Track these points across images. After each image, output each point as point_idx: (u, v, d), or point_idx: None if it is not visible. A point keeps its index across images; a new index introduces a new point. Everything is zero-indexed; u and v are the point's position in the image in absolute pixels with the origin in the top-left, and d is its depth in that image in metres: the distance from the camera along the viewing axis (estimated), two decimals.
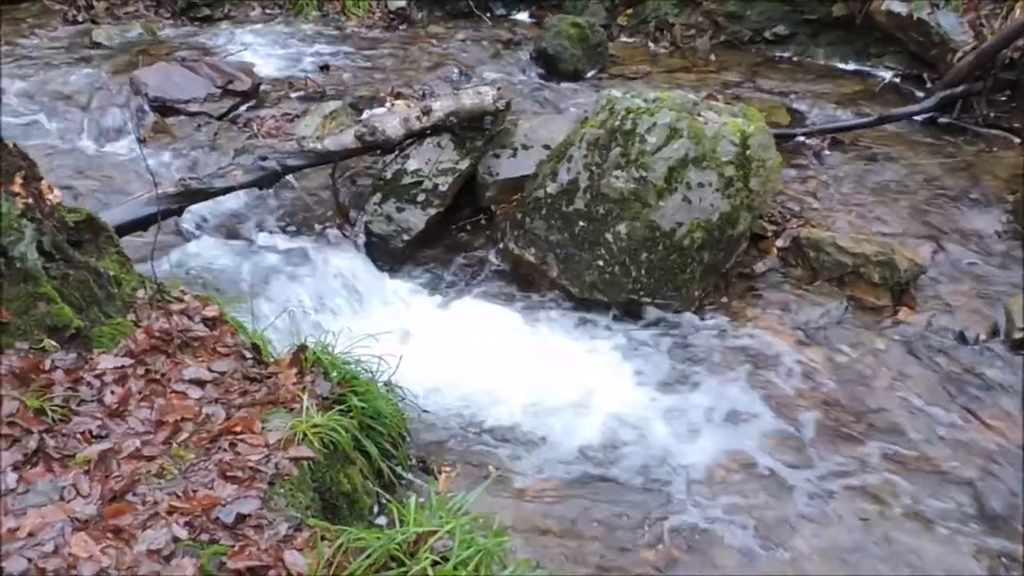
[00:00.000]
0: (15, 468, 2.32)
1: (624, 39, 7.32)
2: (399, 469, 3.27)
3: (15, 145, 2.94)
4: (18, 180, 2.82)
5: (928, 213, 4.81)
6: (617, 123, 4.24)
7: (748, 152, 4.15)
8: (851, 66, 6.77)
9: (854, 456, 3.50)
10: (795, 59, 6.96)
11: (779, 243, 4.53)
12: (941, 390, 3.81)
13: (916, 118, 5.79)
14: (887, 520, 3.21)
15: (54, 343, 2.79)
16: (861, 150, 5.48)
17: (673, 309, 4.17)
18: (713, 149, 4.12)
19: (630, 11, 7.38)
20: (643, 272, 4.13)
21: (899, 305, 4.22)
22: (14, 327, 2.74)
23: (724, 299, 4.31)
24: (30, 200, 2.84)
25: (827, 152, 5.45)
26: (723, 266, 4.28)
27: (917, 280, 4.27)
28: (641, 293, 4.14)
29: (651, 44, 7.22)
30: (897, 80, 6.44)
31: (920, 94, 6.13)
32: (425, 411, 3.63)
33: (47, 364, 2.71)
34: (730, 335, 4.12)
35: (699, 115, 4.26)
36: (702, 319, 4.19)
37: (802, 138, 5.55)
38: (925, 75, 6.32)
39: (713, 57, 6.96)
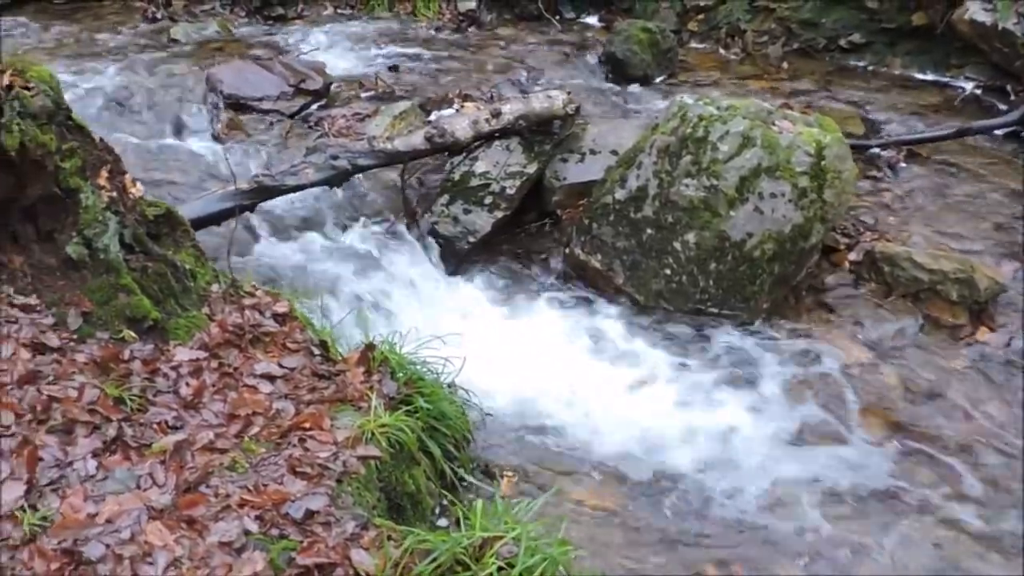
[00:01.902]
0: (95, 455, 2.39)
1: (694, 45, 7.23)
2: (461, 471, 3.27)
3: (101, 140, 3.04)
4: (104, 174, 2.91)
5: (1009, 230, 4.64)
6: (689, 130, 4.18)
7: (823, 163, 4.06)
8: (929, 76, 6.58)
9: (925, 479, 3.40)
10: (871, 68, 6.79)
11: (852, 257, 4.42)
12: (1019, 413, 3.68)
13: (998, 132, 5.60)
14: (959, 546, 3.11)
15: (133, 334, 2.86)
16: (939, 163, 5.32)
17: (740, 321, 4.10)
18: (787, 159, 4.04)
19: (701, 17, 7.29)
20: (711, 282, 4.07)
21: (977, 324, 4.08)
22: (96, 317, 2.82)
23: (793, 312, 4.22)
24: (114, 194, 2.92)
25: (903, 164, 5.31)
26: (793, 278, 4.19)
27: (997, 299, 4.13)
28: (708, 304, 4.09)
29: (722, 50, 7.12)
30: (978, 92, 6.23)
31: (1003, 107, 5.94)
32: (488, 414, 3.63)
33: (126, 354, 2.78)
34: (799, 349, 4.03)
35: (773, 124, 4.18)
36: (770, 332, 4.11)
37: (877, 149, 5.40)
38: (1009, 87, 6.11)
39: (785, 64, 6.83)
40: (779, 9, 7.06)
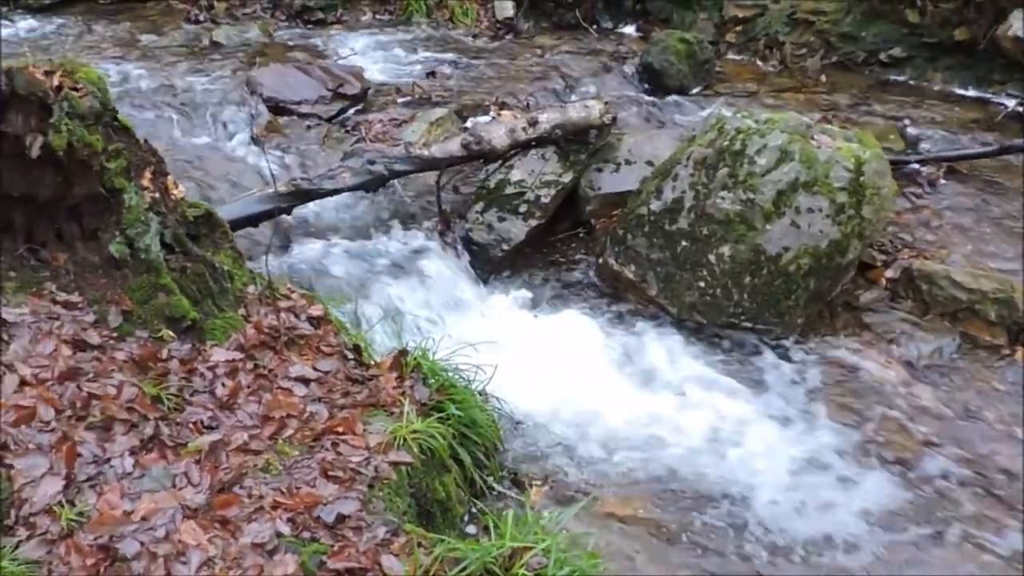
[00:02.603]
0: (132, 453, 2.42)
1: (732, 56, 7.19)
2: (490, 479, 3.27)
3: (145, 141, 3.08)
4: (147, 175, 2.95)
5: None
6: (726, 143, 4.16)
7: (862, 179, 4.02)
8: (971, 92, 6.48)
9: (961, 502, 3.34)
10: (911, 83, 6.71)
11: (889, 273, 4.37)
12: None
13: None
14: (992, 571, 3.06)
15: (171, 333, 2.90)
16: (979, 181, 5.24)
17: (774, 336, 4.07)
18: (825, 174, 4.00)
19: (739, 28, 7.25)
20: (745, 296, 4.04)
21: (1016, 345, 4.01)
22: (135, 315, 2.87)
23: (828, 328, 4.18)
24: (157, 194, 2.96)
25: (943, 181, 5.23)
26: (828, 294, 4.15)
27: None
28: (742, 317, 4.06)
29: (759, 62, 7.08)
30: (1021, 109, 6.13)
31: None
32: (518, 422, 3.63)
33: (164, 353, 2.82)
34: (833, 366, 3.99)
35: (812, 138, 4.15)
36: (804, 347, 4.07)
37: (916, 165, 5.33)
38: None
39: (824, 78, 6.77)
40: (818, 22, 7.01)
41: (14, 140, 2.63)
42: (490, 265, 4.51)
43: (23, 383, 2.45)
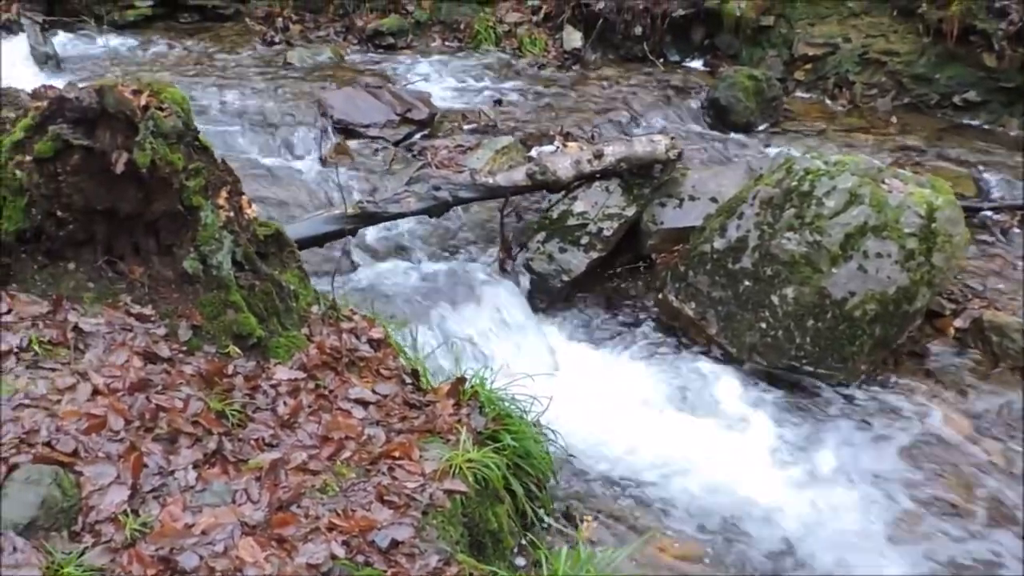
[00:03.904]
0: (195, 466, 2.46)
1: (800, 94, 7.14)
2: (541, 512, 3.25)
3: (223, 160, 3.16)
4: (223, 194, 3.03)
5: None
6: (794, 183, 4.12)
7: (934, 225, 3.94)
8: None
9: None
10: (985, 128, 6.57)
11: (957, 323, 4.26)
12: None
13: None
14: None
15: (237, 349, 2.95)
16: None
17: (837, 381, 3.99)
18: (896, 219, 3.93)
19: (809, 66, 7.19)
20: (808, 339, 3.97)
21: None
22: (204, 331, 2.93)
23: (892, 377, 4.08)
24: (231, 213, 3.03)
25: (1016, 230, 5.11)
26: (894, 341, 4.06)
27: None
28: (804, 361, 3.99)
29: (828, 101, 7.01)
30: None
31: None
32: (571, 455, 3.61)
33: (230, 369, 2.86)
34: (896, 416, 3.89)
35: (883, 182, 4.08)
36: (867, 395, 3.98)
37: (989, 212, 5.22)
38: None
39: (894, 119, 6.68)
40: (891, 62, 6.92)
41: (100, 156, 2.72)
42: (549, 295, 4.51)
43: (96, 392, 2.52)
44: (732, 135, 6.34)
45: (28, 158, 2.67)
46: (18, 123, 2.72)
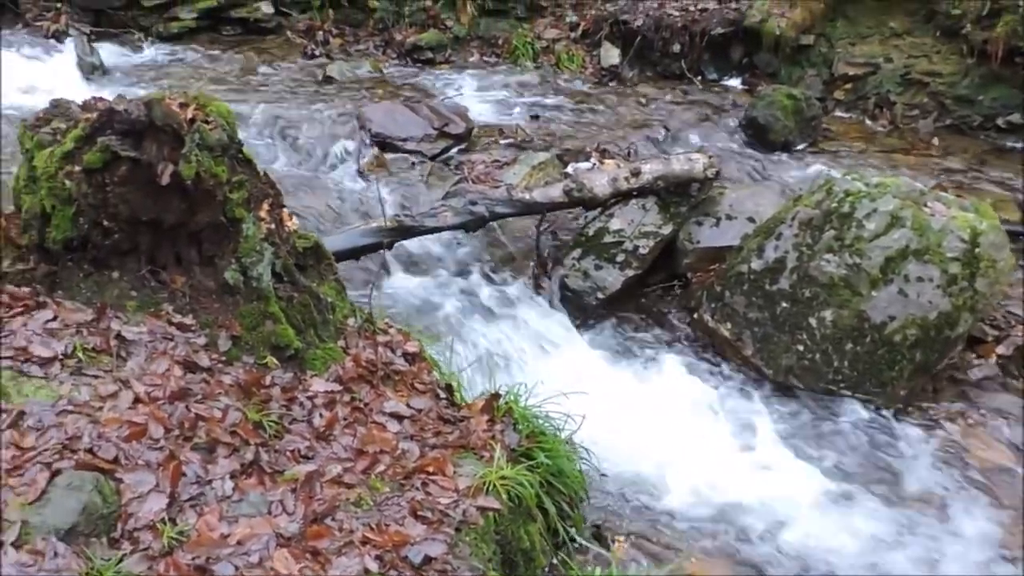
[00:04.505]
0: (232, 476, 2.48)
1: (839, 114, 7.08)
2: (573, 531, 3.23)
3: (265, 173, 3.20)
4: (265, 206, 3.06)
5: None
6: (834, 205, 4.08)
7: (977, 250, 3.88)
8: None
9: None
10: None
11: (1000, 350, 4.19)
12: None
13: None
14: None
15: (275, 361, 2.97)
16: None
17: (874, 406, 3.93)
18: (938, 243, 3.88)
19: (849, 86, 7.13)
20: (846, 363, 3.92)
21: None
22: (243, 341, 2.96)
23: (932, 403, 4.01)
24: (272, 226, 3.07)
25: None
26: (934, 367, 4.00)
27: None
28: (841, 385, 3.94)
29: (868, 121, 6.94)
30: None
31: None
32: (603, 474, 3.59)
33: (267, 380, 2.89)
34: (936, 443, 3.82)
35: (925, 205, 4.03)
36: (906, 422, 3.92)
37: None
38: None
39: (936, 141, 6.59)
40: (933, 83, 6.85)
41: (147, 167, 2.76)
42: (583, 312, 4.50)
43: (137, 400, 2.55)
44: (770, 154, 6.28)
45: (77, 168, 2.72)
46: (68, 134, 2.77)
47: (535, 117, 6.55)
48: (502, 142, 6.02)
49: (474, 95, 7.00)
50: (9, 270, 2.81)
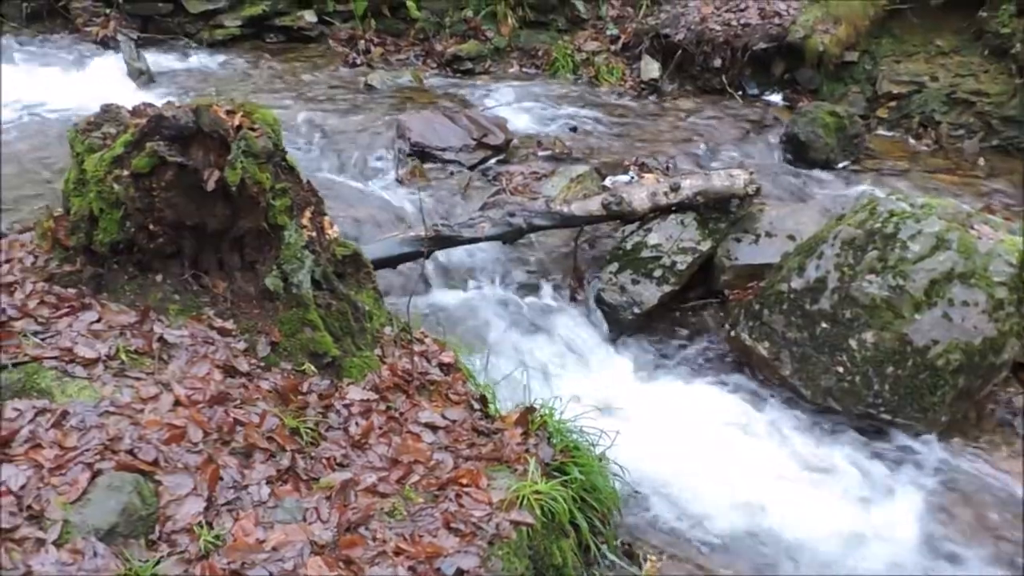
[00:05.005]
0: (268, 482, 2.49)
1: (882, 132, 6.98)
2: (604, 548, 3.20)
3: (308, 182, 3.23)
4: (307, 214, 3.09)
5: None
6: (877, 225, 4.02)
7: None
8: None
9: None
10: None
11: None
12: None
13: None
14: None
15: (313, 368, 2.99)
16: None
17: (915, 431, 3.85)
18: (985, 267, 3.80)
19: (893, 104, 7.04)
20: (886, 387, 3.85)
21: None
22: (282, 347, 2.98)
23: (974, 431, 3.93)
24: (314, 233, 3.09)
25: None
26: (978, 393, 3.91)
27: None
28: (881, 408, 3.86)
29: (912, 140, 6.84)
30: None
31: None
32: (636, 491, 3.55)
33: (305, 387, 2.91)
34: (976, 473, 3.74)
35: (972, 228, 3.95)
36: (946, 449, 3.83)
37: None
38: None
39: (981, 161, 6.48)
40: (980, 103, 6.73)
41: (193, 173, 2.80)
42: (619, 326, 4.47)
43: (177, 403, 2.58)
44: (811, 172, 6.21)
45: (126, 172, 2.76)
46: (118, 139, 2.82)
47: (573, 129, 6.55)
48: (540, 154, 6.02)
49: (513, 106, 7.01)
50: (57, 271, 2.86)
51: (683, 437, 3.90)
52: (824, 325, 4.00)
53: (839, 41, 7.20)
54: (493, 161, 5.90)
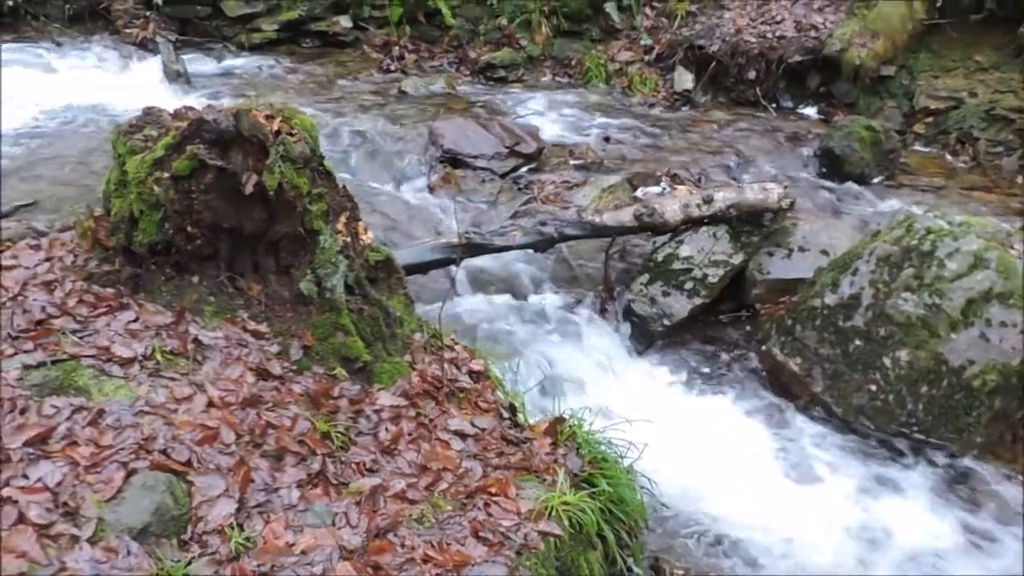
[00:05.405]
0: (299, 485, 2.50)
1: (918, 148, 6.91)
2: (630, 561, 3.18)
3: (344, 187, 3.25)
4: (342, 219, 3.10)
5: None
6: (914, 242, 3.97)
7: None
8: None
9: None
10: None
11: None
12: None
13: None
14: None
15: (344, 372, 3.00)
16: None
17: (949, 452, 3.79)
18: None
19: (930, 120, 6.96)
20: (920, 406, 3.80)
21: None
22: (314, 351, 2.99)
23: (1010, 453, 3.85)
24: (348, 239, 3.11)
25: None
26: (1014, 415, 3.84)
27: None
28: (914, 428, 3.81)
29: (949, 156, 6.76)
30: None
31: None
32: (664, 505, 3.53)
33: (336, 391, 2.92)
34: (1011, 498, 3.66)
35: (1011, 247, 3.90)
36: (981, 471, 3.76)
37: None
38: None
39: (1020, 179, 6.38)
40: (1019, 120, 6.63)
41: (231, 176, 2.83)
42: (648, 338, 4.45)
43: (211, 404, 2.60)
44: (845, 186, 6.15)
45: (166, 175, 2.79)
46: (159, 141, 2.85)
47: (606, 139, 6.54)
48: (572, 163, 6.02)
49: (545, 115, 7.02)
50: (96, 271, 2.90)
51: (711, 451, 3.87)
52: (857, 342, 3.96)
53: (876, 55, 7.13)
54: (525, 169, 5.91)
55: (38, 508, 2.13)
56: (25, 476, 2.20)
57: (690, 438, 3.92)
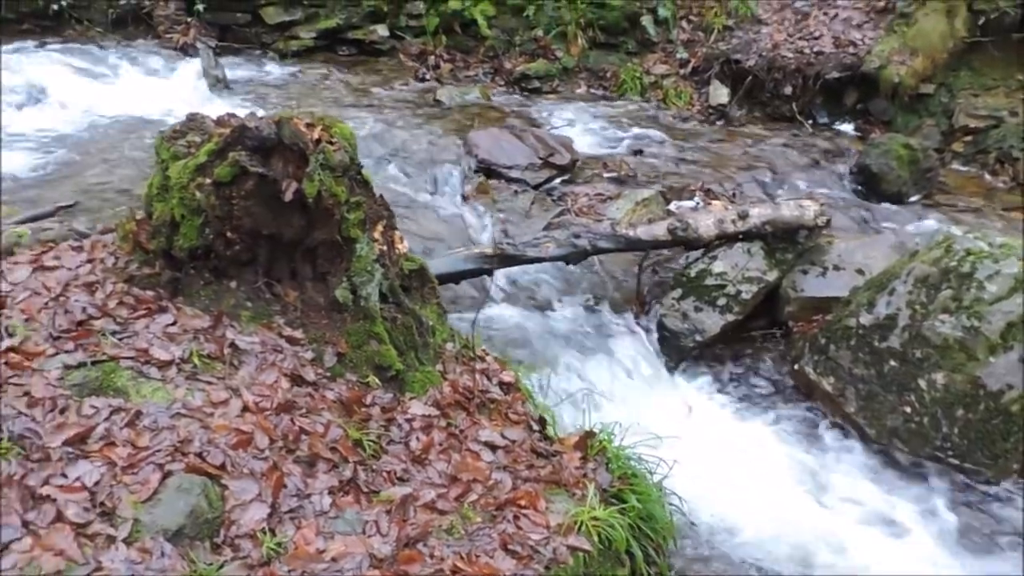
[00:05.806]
0: (330, 492, 2.52)
1: (957, 166, 6.81)
2: None
3: (381, 196, 3.27)
4: (379, 228, 3.13)
5: None
6: (953, 263, 3.92)
7: None
8: None
9: None
10: None
11: None
12: None
13: None
14: None
15: (377, 380, 3.02)
16: None
17: (984, 478, 3.73)
18: None
19: (969, 138, 6.86)
20: (955, 430, 3.74)
21: None
22: (348, 359, 3.02)
23: None
24: (384, 247, 3.13)
25: None
26: None
27: None
28: (949, 452, 3.75)
29: (988, 176, 6.65)
30: None
31: None
32: (692, 523, 3.50)
33: (368, 399, 2.94)
34: None
35: None
36: (1018, 498, 3.70)
37: None
38: None
39: None
40: None
41: (271, 184, 2.86)
42: (679, 354, 4.43)
43: (245, 408, 2.62)
44: (881, 204, 6.08)
45: (208, 181, 2.83)
46: (202, 147, 2.89)
47: (639, 152, 6.52)
48: (605, 175, 6.01)
49: (579, 126, 7.01)
50: (136, 273, 2.94)
51: (741, 470, 3.83)
52: (893, 363, 3.91)
53: (915, 73, 7.06)
54: (558, 181, 5.91)
55: (76, 507, 2.16)
56: (64, 475, 2.24)
57: (719, 456, 3.89)
